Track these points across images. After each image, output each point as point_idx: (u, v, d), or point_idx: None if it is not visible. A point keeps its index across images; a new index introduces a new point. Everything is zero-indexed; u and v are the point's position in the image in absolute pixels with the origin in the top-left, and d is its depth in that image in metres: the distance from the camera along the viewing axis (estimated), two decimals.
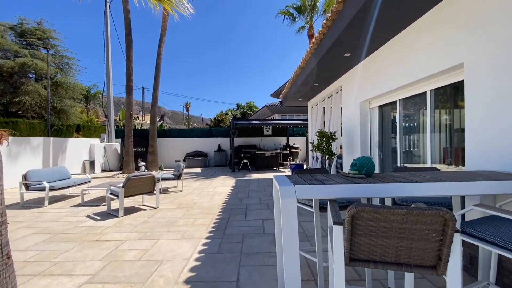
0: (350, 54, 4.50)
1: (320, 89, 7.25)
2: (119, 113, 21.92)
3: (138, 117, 23.17)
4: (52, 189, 5.55)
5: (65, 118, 15.31)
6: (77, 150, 11.13)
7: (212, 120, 34.44)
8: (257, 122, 12.05)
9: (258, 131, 14.43)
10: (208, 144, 14.13)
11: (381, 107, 4.79)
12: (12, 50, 14.51)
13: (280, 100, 20.64)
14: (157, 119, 13.31)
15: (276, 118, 18.67)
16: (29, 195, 6.16)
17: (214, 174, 10.38)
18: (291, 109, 17.79)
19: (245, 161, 11.24)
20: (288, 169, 11.16)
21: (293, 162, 11.79)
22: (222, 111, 35.60)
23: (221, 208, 5.06)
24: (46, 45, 16.13)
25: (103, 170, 12.31)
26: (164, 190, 7.08)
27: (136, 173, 5.03)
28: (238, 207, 5.13)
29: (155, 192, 5.27)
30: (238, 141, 13.76)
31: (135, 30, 10.95)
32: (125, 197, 4.79)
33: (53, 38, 16.42)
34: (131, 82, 10.99)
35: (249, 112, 34.88)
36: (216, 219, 4.36)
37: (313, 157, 8.51)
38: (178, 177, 7.06)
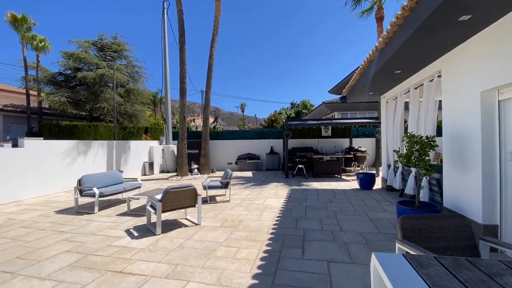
0: (470, 16, 2.89)
1: (402, 78, 5.53)
2: (176, 116, 23.18)
3: (194, 119, 24.14)
4: (101, 195, 5.46)
5: (136, 121, 16.77)
6: (139, 152, 11.72)
7: (266, 120, 33.88)
8: (314, 122, 10.62)
9: (315, 132, 12.93)
10: (260, 146, 13.35)
11: None
12: (94, 63, 16.54)
13: (340, 96, 18.55)
14: (211, 121, 13.18)
15: (336, 117, 16.73)
16: (85, 200, 6.29)
17: (265, 180, 9.46)
18: (355, 106, 15.65)
19: (300, 166, 9.98)
20: (354, 178, 9.43)
21: (360, 169, 9.96)
22: (275, 111, 34.77)
23: (271, 232, 4.04)
24: (120, 57, 17.90)
25: (161, 171, 12.76)
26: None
27: (176, 184, 4.45)
28: (293, 233, 4.02)
29: (197, 206, 4.60)
30: (292, 143, 12.56)
31: (191, 34, 10.90)
32: (164, 211, 4.22)
33: (126, 50, 18.12)
34: (185, 85, 10.97)
35: (304, 111, 33.16)
36: (264, 251, 3.35)
37: (389, 166, 6.73)
38: (225, 185, 6.36)
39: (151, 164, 12.07)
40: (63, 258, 3.22)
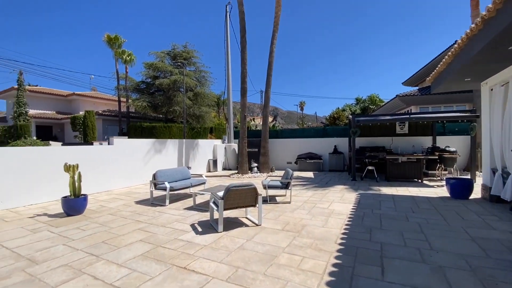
0: None
1: None
2: (237, 116, 23.99)
3: (253, 118, 24.63)
4: (172, 189, 5.88)
5: (202, 122, 18.16)
6: (204, 150, 12.52)
7: (327, 117, 32.08)
8: (388, 117, 9.29)
9: (387, 129, 11.40)
10: (322, 145, 12.57)
11: None
12: (168, 71, 18.60)
13: (418, 87, 15.99)
14: (270, 120, 13.10)
15: (413, 111, 14.47)
16: (159, 193, 6.90)
17: (329, 182, 8.76)
18: (437, 98, 13.27)
19: (370, 167, 8.88)
20: (440, 184, 7.86)
21: (447, 173, 8.25)
22: (338, 108, 32.50)
23: (340, 243, 3.54)
24: (189, 63, 19.58)
25: (224, 169, 13.35)
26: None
27: (237, 182, 4.41)
28: (367, 246, 3.43)
29: (257, 205, 4.45)
30: (360, 141, 11.34)
31: (253, 36, 11.03)
32: (225, 209, 4.21)
33: (194, 57, 19.75)
34: (245, 84, 11.14)
35: (371, 107, 30.09)
36: (334, 265, 2.91)
37: (494, 172, 5.28)
38: (286, 185, 6.08)
39: (214, 162, 12.75)
40: (137, 247, 3.48)
